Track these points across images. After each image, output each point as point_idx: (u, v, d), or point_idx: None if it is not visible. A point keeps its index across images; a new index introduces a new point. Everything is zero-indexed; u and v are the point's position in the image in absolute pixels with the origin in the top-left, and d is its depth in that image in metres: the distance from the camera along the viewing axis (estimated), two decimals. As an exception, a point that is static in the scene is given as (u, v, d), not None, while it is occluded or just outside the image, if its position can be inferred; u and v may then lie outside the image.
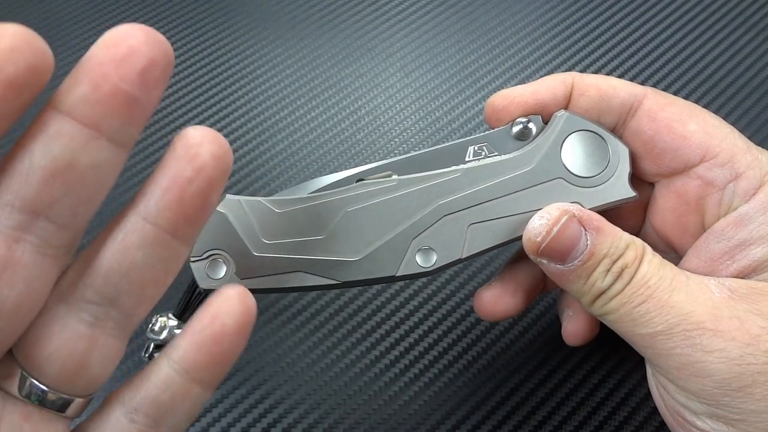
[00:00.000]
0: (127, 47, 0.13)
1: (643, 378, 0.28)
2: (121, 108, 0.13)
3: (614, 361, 0.28)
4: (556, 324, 0.29)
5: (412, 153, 0.23)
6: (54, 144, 0.13)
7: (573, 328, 0.24)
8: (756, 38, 0.39)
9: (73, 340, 0.15)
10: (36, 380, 0.15)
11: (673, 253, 0.23)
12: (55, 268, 0.15)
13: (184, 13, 0.41)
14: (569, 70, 0.38)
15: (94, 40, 0.14)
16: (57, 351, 0.15)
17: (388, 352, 0.29)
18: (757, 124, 0.36)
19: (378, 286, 0.31)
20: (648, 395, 0.28)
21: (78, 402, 0.16)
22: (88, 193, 0.14)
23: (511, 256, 0.25)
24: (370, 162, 0.32)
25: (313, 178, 0.23)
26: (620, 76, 0.35)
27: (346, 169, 0.23)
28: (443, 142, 0.35)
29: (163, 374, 0.17)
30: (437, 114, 0.36)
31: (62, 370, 0.15)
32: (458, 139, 0.24)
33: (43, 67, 0.13)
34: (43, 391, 0.15)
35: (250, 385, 0.28)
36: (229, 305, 0.16)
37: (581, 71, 0.38)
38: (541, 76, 0.28)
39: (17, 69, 0.12)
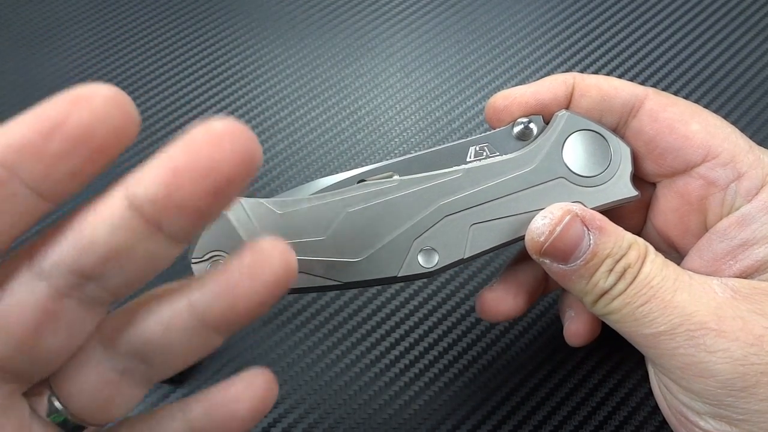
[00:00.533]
0: (208, 161, 0.13)
1: (643, 378, 0.28)
2: (188, 217, 0.14)
3: (614, 361, 0.28)
4: (556, 324, 0.29)
5: (413, 153, 0.23)
6: (119, 232, 0.14)
7: (575, 329, 0.24)
8: (756, 38, 0.39)
9: (101, 384, 0.16)
10: (63, 406, 0.16)
11: (674, 253, 0.23)
12: (98, 318, 0.16)
13: (184, 13, 0.41)
14: (569, 70, 0.38)
15: (94, 40, 0.14)
16: (86, 390, 0.16)
17: (388, 352, 0.29)
18: (757, 124, 0.36)
19: (378, 287, 0.31)
20: (648, 395, 0.28)
21: (92, 429, 0.17)
22: (140, 274, 0.15)
23: (513, 257, 0.25)
24: (371, 162, 0.32)
25: (313, 179, 0.23)
26: (620, 77, 0.35)
27: (346, 169, 0.23)
28: (443, 142, 0.35)
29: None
30: (437, 114, 0.36)
31: (87, 405, 0.16)
32: (458, 139, 0.24)
33: (130, 131, 0.13)
34: (65, 418, 0.16)
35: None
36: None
37: (581, 71, 0.38)
38: (541, 76, 0.28)
39: (106, 133, 0.13)
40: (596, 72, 0.38)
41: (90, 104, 0.13)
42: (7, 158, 0.13)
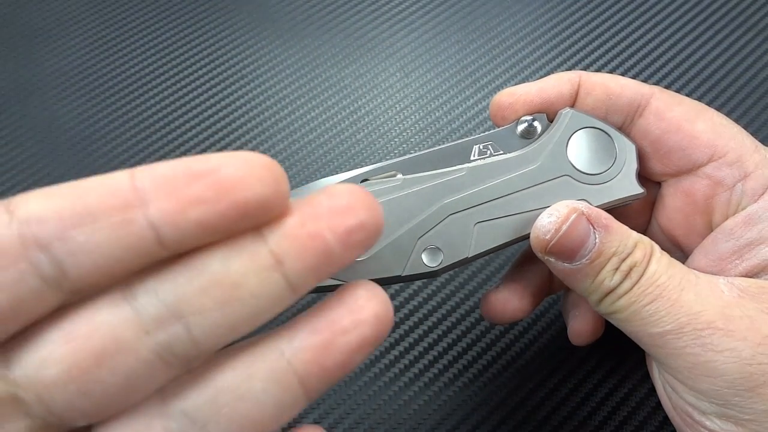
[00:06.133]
0: (347, 203, 0.13)
1: (643, 378, 0.28)
2: (314, 253, 0.13)
3: (614, 361, 0.28)
4: (556, 324, 0.29)
5: (417, 153, 0.22)
6: (235, 258, 0.13)
7: (579, 328, 0.24)
8: (756, 38, 0.39)
9: None
10: None
11: (678, 252, 0.23)
12: (164, 377, 0.13)
13: (184, 13, 0.41)
14: (569, 70, 0.38)
15: (94, 40, 0.14)
16: None
17: (388, 352, 0.29)
18: (757, 123, 0.36)
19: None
20: (648, 394, 0.28)
21: None
22: (236, 318, 0.13)
23: (517, 257, 0.25)
24: (371, 162, 0.32)
25: (313, 179, 0.23)
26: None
27: (346, 169, 0.23)
28: (443, 142, 0.35)
29: None
30: (437, 114, 0.36)
31: None
32: (459, 138, 0.24)
33: (275, 206, 0.13)
34: None
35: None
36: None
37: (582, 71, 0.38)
38: (541, 76, 0.28)
39: (253, 194, 0.12)
40: (596, 72, 0.38)
41: (248, 164, 0.12)
42: (148, 185, 0.12)
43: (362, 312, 0.14)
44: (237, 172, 0.12)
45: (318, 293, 0.20)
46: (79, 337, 0.12)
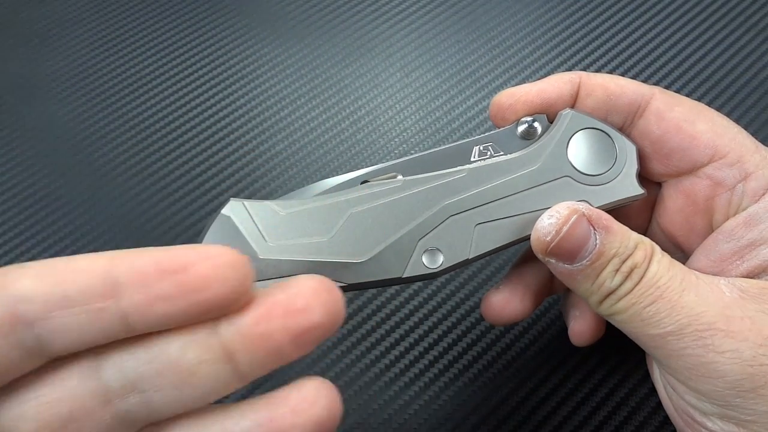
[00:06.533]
0: (305, 303, 0.14)
1: (643, 378, 0.28)
2: (263, 352, 0.14)
3: (615, 361, 0.28)
4: (557, 324, 0.29)
5: (417, 154, 0.22)
6: (192, 347, 0.14)
7: (580, 328, 0.24)
8: (756, 38, 0.39)
9: None
10: None
11: (679, 253, 0.23)
12: None
13: (184, 13, 0.41)
14: (569, 70, 0.38)
15: (94, 40, 0.14)
16: None
17: (388, 353, 0.29)
18: (757, 123, 0.36)
19: (377, 288, 0.31)
20: (648, 395, 0.28)
21: None
22: (188, 397, 0.15)
23: (518, 258, 0.25)
24: (370, 162, 0.32)
25: (313, 179, 0.23)
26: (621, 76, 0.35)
27: (345, 169, 0.23)
28: (443, 142, 0.35)
29: None
30: (437, 114, 0.36)
31: None
32: (459, 138, 0.24)
33: (238, 298, 0.14)
34: None
35: (249, 385, 0.28)
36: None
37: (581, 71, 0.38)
38: (541, 76, 0.28)
39: (218, 292, 0.13)
40: (596, 72, 0.38)
41: (215, 263, 0.13)
42: (123, 277, 0.13)
43: (303, 415, 0.14)
44: (204, 271, 0.13)
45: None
46: (51, 402, 0.14)
